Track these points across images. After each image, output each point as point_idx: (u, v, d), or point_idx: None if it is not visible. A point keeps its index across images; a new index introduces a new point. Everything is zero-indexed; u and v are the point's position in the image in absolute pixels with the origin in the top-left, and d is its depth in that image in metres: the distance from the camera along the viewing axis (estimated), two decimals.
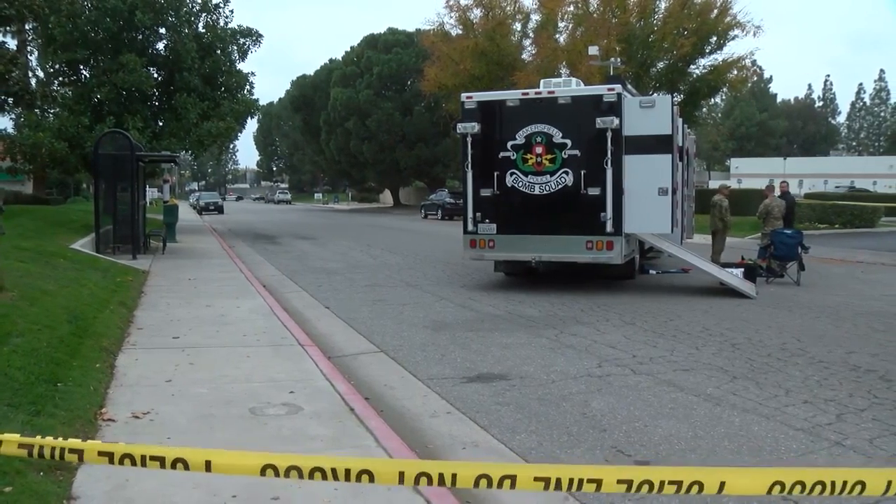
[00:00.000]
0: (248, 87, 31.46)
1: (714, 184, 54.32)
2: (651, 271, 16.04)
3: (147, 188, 30.72)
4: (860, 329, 10.64)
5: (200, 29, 29.89)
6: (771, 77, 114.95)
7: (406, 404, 6.87)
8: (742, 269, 14.90)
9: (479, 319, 11.37)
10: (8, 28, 25.62)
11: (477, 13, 43.47)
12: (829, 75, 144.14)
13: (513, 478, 2.27)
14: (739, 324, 10.95)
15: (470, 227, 14.38)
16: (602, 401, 6.94)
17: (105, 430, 5.62)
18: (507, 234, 14.19)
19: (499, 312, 11.99)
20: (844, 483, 2.21)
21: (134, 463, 2.39)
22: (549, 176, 13.81)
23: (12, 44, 27.87)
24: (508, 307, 12.49)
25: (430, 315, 11.73)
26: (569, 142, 13.68)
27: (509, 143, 14.02)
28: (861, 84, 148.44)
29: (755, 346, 9.37)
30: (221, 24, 30.38)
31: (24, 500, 4.04)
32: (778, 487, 2.21)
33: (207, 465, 2.40)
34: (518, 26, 45.37)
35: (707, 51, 40.58)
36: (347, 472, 2.36)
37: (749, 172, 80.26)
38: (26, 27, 28.01)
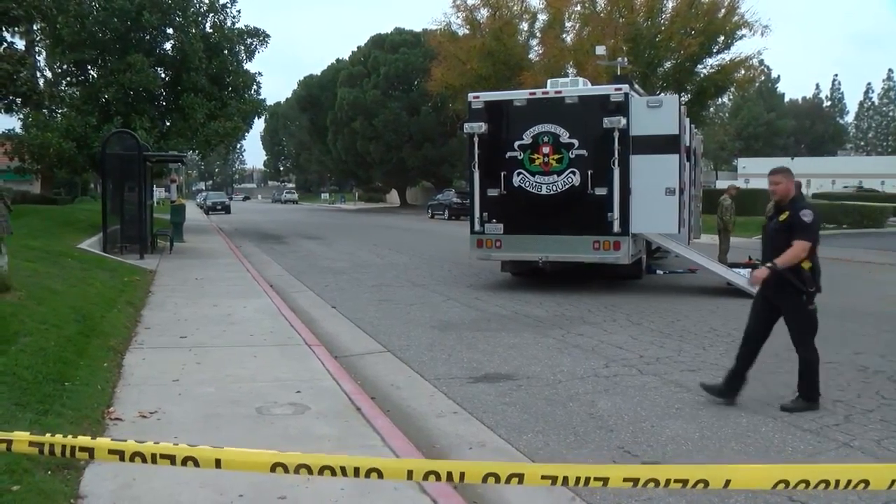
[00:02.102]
0: (254, 87, 31.55)
1: (721, 184, 54.21)
2: (658, 271, 16.01)
3: (154, 188, 30.78)
4: (868, 330, 10.61)
5: (208, 29, 29.97)
6: (778, 77, 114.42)
7: (412, 404, 6.88)
8: (749, 270, 14.83)
9: (486, 319, 11.36)
10: (16, 28, 25.68)
11: (484, 13, 43.40)
12: (836, 75, 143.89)
13: (520, 476, 2.27)
14: None
15: (477, 226, 14.38)
16: (609, 401, 6.93)
17: (113, 429, 5.64)
18: (513, 234, 14.18)
19: (505, 312, 11.98)
20: (849, 481, 2.20)
21: (144, 460, 2.40)
22: (556, 176, 13.79)
23: (20, 44, 27.93)
24: (515, 307, 12.48)
25: (437, 315, 11.73)
26: (576, 142, 13.67)
27: (516, 143, 14.00)
28: (869, 83, 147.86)
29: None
30: (228, 24, 30.46)
31: (31, 499, 4.05)
32: (782, 485, 2.21)
33: (217, 463, 2.41)
34: (525, 26, 45.29)
35: (714, 50, 40.42)
36: (357, 470, 2.36)
37: (756, 172, 79.78)
38: (34, 28, 28.08)
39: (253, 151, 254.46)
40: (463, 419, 6.49)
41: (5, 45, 24.59)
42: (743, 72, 40.89)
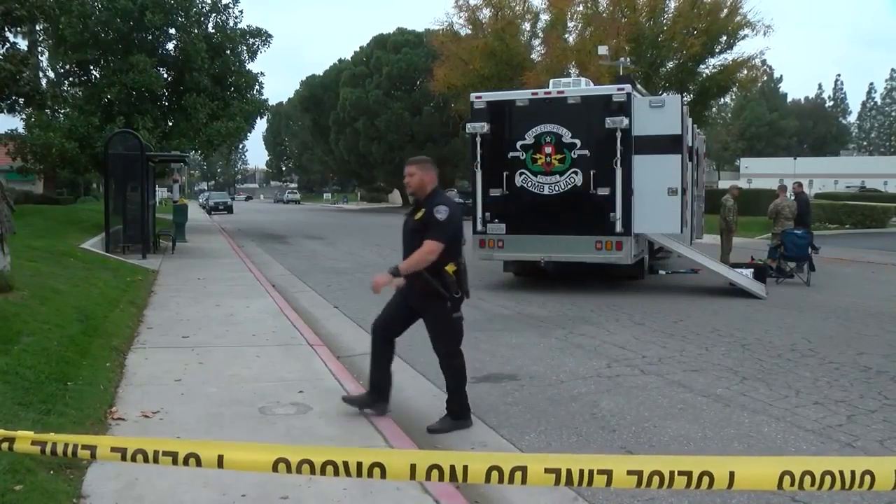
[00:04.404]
0: (257, 87, 31.53)
1: (724, 184, 54.21)
2: (660, 272, 15.99)
3: (157, 188, 30.83)
4: (871, 330, 10.59)
5: (210, 29, 29.99)
6: (781, 77, 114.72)
7: (415, 404, 6.87)
8: (752, 270, 14.85)
9: (489, 319, 11.35)
10: (19, 29, 25.70)
11: (486, 13, 43.43)
12: (839, 75, 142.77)
13: (523, 469, 2.27)
14: (749, 324, 10.92)
15: (479, 227, 14.37)
16: (611, 401, 6.92)
17: (115, 429, 5.64)
18: (516, 235, 14.17)
19: (508, 312, 11.97)
20: (853, 472, 2.20)
21: (146, 458, 2.40)
22: (558, 176, 13.79)
23: (23, 44, 27.98)
24: (518, 307, 12.47)
25: None
26: (578, 142, 13.66)
27: (519, 143, 14.00)
28: (872, 83, 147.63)
29: (765, 347, 9.34)
30: (231, 24, 30.48)
31: (34, 498, 4.05)
32: (788, 478, 2.21)
33: (220, 460, 2.40)
34: (527, 26, 45.32)
35: (717, 50, 40.46)
36: (359, 464, 2.36)
37: (759, 172, 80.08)
38: (37, 28, 28.12)
39: (255, 151, 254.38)
40: None
41: (8, 45, 24.62)
42: (745, 72, 40.95)
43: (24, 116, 27.48)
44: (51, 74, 31.69)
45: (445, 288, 5.88)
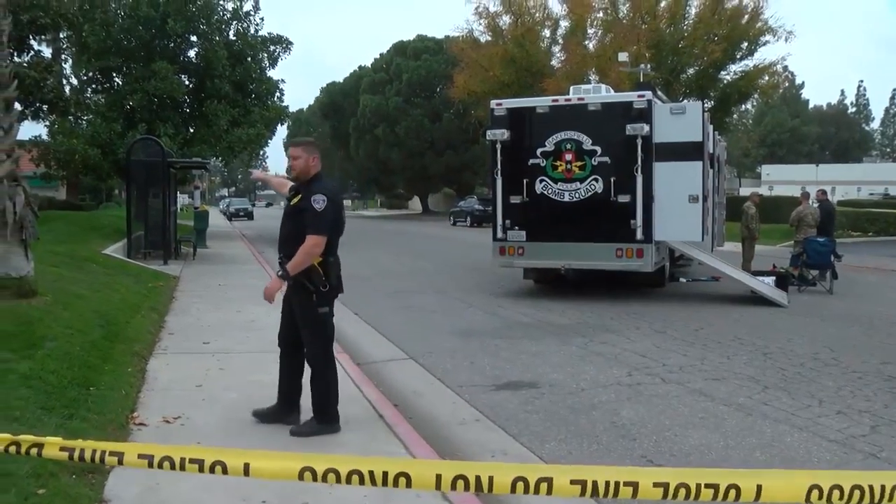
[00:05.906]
0: (277, 93, 31.70)
1: (745, 191, 53.88)
2: (681, 279, 15.91)
3: (178, 194, 31.02)
4: (894, 339, 10.48)
5: (231, 36, 30.15)
6: (803, 83, 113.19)
7: (435, 411, 6.87)
8: (774, 278, 14.74)
9: (508, 327, 11.34)
10: (43, 37, 26.00)
11: (506, 20, 43.50)
12: (862, 81, 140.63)
13: (549, 480, 2.26)
14: (771, 333, 10.83)
15: (499, 234, 14.35)
16: (632, 409, 6.88)
17: (137, 434, 5.67)
18: (536, 242, 14.14)
19: (528, 320, 11.95)
20: (882, 487, 2.18)
21: (173, 466, 2.41)
22: (578, 183, 13.75)
23: (47, 52, 28.28)
24: (537, 315, 12.44)
25: (459, 322, 11.72)
26: (599, 149, 13.62)
27: (539, 150, 13.98)
28: (895, 89, 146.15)
29: (787, 356, 9.26)
30: (252, 31, 30.62)
31: (57, 503, 4.08)
32: (816, 492, 2.19)
33: (246, 468, 2.41)
34: (547, 33, 45.36)
35: (738, 56, 40.32)
36: (385, 474, 2.36)
37: (781, 179, 79.35)
38: (61, 36, 28.40)
39: (276, 158, 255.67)
40: (485, 427, 6.47)
41: (32, 53, 24.92)
42: (767, 78, 40.76)
43: (47, 123, 27.77)
44: (74, 81, 31.93)
45: (309, 280, 5.82)
